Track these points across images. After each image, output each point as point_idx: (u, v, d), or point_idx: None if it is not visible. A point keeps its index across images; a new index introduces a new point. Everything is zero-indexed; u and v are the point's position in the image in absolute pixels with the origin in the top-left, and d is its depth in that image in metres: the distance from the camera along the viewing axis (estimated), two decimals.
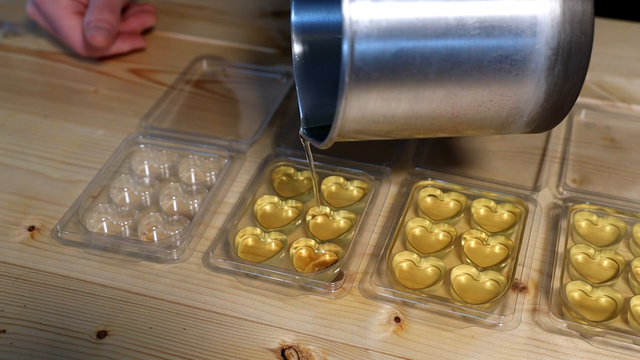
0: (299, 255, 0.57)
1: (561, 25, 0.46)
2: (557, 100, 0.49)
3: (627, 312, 0.52)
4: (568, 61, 0.48)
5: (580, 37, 0.47)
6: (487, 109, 0.49)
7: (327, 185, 0.63)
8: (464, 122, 0.50)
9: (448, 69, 0.46)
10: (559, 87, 0.48)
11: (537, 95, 0.48)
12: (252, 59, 0.80)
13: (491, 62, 0.46)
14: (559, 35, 0.47)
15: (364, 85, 0.44)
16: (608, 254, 0.56)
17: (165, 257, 0.57)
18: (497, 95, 0.48)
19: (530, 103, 0.49)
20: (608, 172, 0.65)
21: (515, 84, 0.48)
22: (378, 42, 0.43)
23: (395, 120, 0.48)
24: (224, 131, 0.70)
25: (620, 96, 0.74)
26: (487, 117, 0.49)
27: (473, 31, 0.45)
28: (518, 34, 0.46)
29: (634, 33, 0.84)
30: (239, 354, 0.51)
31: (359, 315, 0.53)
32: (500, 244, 0.58)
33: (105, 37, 0.74)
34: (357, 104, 0.45)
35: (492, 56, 0.46)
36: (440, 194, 0.62)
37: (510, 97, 0.48)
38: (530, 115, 0.50)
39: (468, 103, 0.48)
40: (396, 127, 0.49)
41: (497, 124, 0.51)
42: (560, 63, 0.47)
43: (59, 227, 0.59)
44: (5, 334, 0.52)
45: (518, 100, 0.49)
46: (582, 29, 0.47)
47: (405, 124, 0.48)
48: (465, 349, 0.51)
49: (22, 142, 0.70)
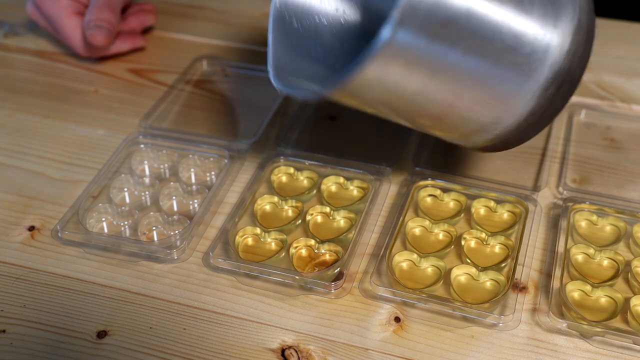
0: (299, 255, 0.57)
1: (567, 55, 0.49)
2: (534, 121, 0.50)
3: (627, 312, 0.52)
4: (560, 87, 0.49)
5: (576, 70, 0.50)
6: (478, 109, 0.49)
7: (327, 185, 0.63)
8: (450, 116, 0.49)
9: (474, 50, 0.45)
10: (542, 109, 0.50)
11: (522, 109, 0.49)
12: (252, 59, 0.80)
13: (506, 60, 0.47)
14: (563, 62, 0.49)
15: (402, 44, 0.43)
16: (608, 254, 0.56)
17: (165, 257, 0.57)
18: (493, 99, 0.48)
19: (513, 117, 0.50)
20: (608, 172, 0.65)
21: (514, 90, 0.48)
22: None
23: (403, 95, 0.46)
24: (224, 131, 0.70)
25: (620, 96, 0.74)
26: (471, 119, 0.50)
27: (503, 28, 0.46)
28: (536, 45, 0.48)
29: (634, 33, 0.84)
30: (239, 353, 0.51)
31: (359, 315, 0.53)
32: (500, 243, 0.58)
33: (105, 37, 0.74)
34: (380, 65, 0.43)
35: (510, 55, 0.47)
36: (440, 194, 0.62)
37: (502, 103, 0.49)
38: (503, 129, 0.51)
39: (470, 97, 0.48)
40: (396, 103, 0.48)
41: (471, 130, 0.51)
42: (553, 87, 0.49)
43: (59, 227, 0.59)
44: (5, 334, 0.52)
45: (506, 110, 0.49)
46: (580, 64, 0.51)
47: (405, 102, 0.48)
48: (465, 348, 0.51)
49: (22, 142, 0.70)
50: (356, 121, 0.71)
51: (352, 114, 0.72)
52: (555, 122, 0.70)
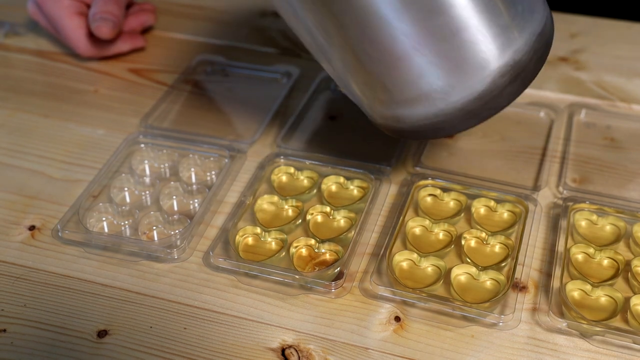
0: (299, 254, 0.57)
1: (530, 50, 0.49)
2: (478, 106, 0.49)
3: (627, 311, 0.52)
4: (514, 80, 0.48)
5: (531, 70, 0.49)
6: (435, 68, 0.47)
7: (327, 184, 0.63)
8: (402, 68, 0.47)
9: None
10: (492, 94, 0.48)
11: (475, 86, 0.48)
12: (252, 59, 0.80)
13: (481, 24, 0.47)
14: (525, 54, 0.48)
15: None
16: (608, 254, 0.57)
17: (165, 257, 0.57)
18: (454, 59, 0.47)
19: (464, 92, 0.48)
20: (608, 172, 0.65)
21: (476, 59, 0.47)
22: None
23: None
24: (224, 131, 0.70)
25: (620, 96, 0.74)
26: (423, 77, 0.47)
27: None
28: (509, 27, 0.48)
29: (634, 33, 0.84)
30: (240, 353, 0.51)
31: (359, 315, 0.53)
32: (500, 243, 0.58)
33: (110, 29, 0.74)
34: None
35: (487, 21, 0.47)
36: (441, 194, 0.62)
37: (460, 70, 0.47)
38: (447, 105, 0.48)
39: (434, 47, 0.46)
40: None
41: (415, 94, 0.48)
42: (509, 76, 0.48)
43: (59, 226, 0.59)
44: (5, 333, 0.52)
45: (459, 80, 0.47)
46: (536, 66, 0.50)
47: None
48: (465, 348, 0.51)
49: (22, 141, 0.70)
50: (356, 121, 0.71)
51: (352, 114, 0.72)
52: (556, 121, 0.70)
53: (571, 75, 0.77)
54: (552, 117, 0.71)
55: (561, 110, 0.71)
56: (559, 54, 0.80)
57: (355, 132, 0.69)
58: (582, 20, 0.86)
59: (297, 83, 0.76)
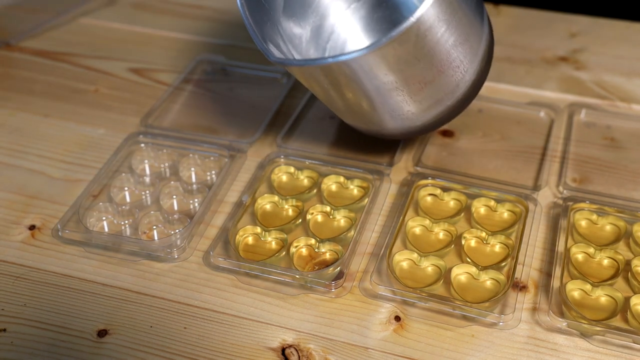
0: (300, 254, 0.57)
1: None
2: (465, 100, 0.59)
3: (627, 311, 0.52)
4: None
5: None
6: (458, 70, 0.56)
7: (328, 184, 0.63)
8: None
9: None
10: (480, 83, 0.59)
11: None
12: (252, 59, 0.80)
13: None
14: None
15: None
16: (608, 253, 0.57)
17: (165, 256, 0.57)
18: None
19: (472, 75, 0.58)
20: (608, 172, 0.65)
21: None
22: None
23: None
24: (224, 130, 0.70)
25: (620, 96, 0.74)
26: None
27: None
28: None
29: (634, 33, 0.84)
30: (240, 352, 0.51)
31: (359, 314, 0.53)
32: (501, 243, 0.58)
33: None
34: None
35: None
36: (441, 193, 0.62)
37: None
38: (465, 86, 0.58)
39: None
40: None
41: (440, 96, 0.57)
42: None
43: (59, 226, 0.59)
44: (5, 333, 0.52)
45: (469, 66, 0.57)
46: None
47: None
48: (466, 347, 0.51)
49: (22, 141, 0.70)
50: None
51: None
52: (556, 121, 0.70)
53: (571, 75, 0.77)
54: (552, 117, 0.71)
55: (561, 110, 0.71)
56: (559, 54, 0.80)
57: (355, 132, 0.69)
58: (582, 20, 0.86)
59: (297, 83, 0.76)
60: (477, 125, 0.70)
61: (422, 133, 0.61)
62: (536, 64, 0.79)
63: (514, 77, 0.77)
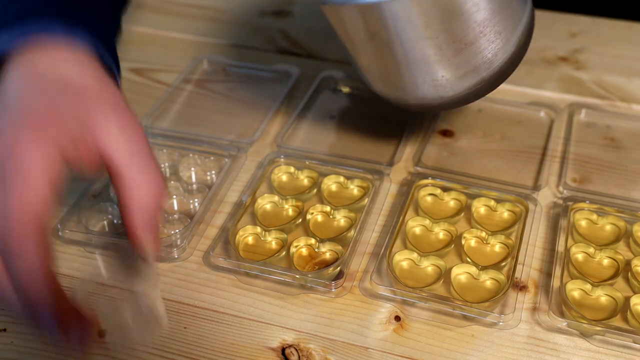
0: (300, 254, 0.57)
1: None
2: (509, 66, 0.57)
3: (627, 311, 0.52)
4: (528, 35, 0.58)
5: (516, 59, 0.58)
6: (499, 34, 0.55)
7: (328, 184, 0.63)
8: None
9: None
10: (525, 48, 0.58)
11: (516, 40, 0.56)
12: (252, 59, 0.80)
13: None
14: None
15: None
16: (608, 253, 0.57)
17: (165, 256, 0.57)
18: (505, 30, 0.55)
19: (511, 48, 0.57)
20: (608, 172, 0.65)
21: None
22: None
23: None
24: (224, 130, 0.70)
25: (620, 96, 0.74)
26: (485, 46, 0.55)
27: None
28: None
29: (634, 33, 0.84)
30: (240, 352, 0.51)
31: (359, 314, 0.53)
32: (501, 243, 0.58)
33: None
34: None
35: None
36: (441, 193, 0.62)
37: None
38: (500, 62, 0.56)
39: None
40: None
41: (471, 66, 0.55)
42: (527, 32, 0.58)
43: (59, 225, 0.59)
44: (6, 333, 0.52)
45: (507, 40, 0.56)
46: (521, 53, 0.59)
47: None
48: (466, 347, 0.51)
49: None
50: (356, 121, 0.71)
51: (352, 114, 0.72)
52: (556, 121, 0.70)
53: (571, 75, 0.77)
54: (552, 117, 0.71)
55: (561, 110, 0.71)
56: (559, 54, 0.80)
57: (355, 132, 0.69)
58: (582, 20, 0.86)
59: (297, 83, 0.76)
60: (477, 125, 0.70)
61: (449, 107, 0.58)
62: (536, 64, 0.78)
63: (514, 77, 0.76)
